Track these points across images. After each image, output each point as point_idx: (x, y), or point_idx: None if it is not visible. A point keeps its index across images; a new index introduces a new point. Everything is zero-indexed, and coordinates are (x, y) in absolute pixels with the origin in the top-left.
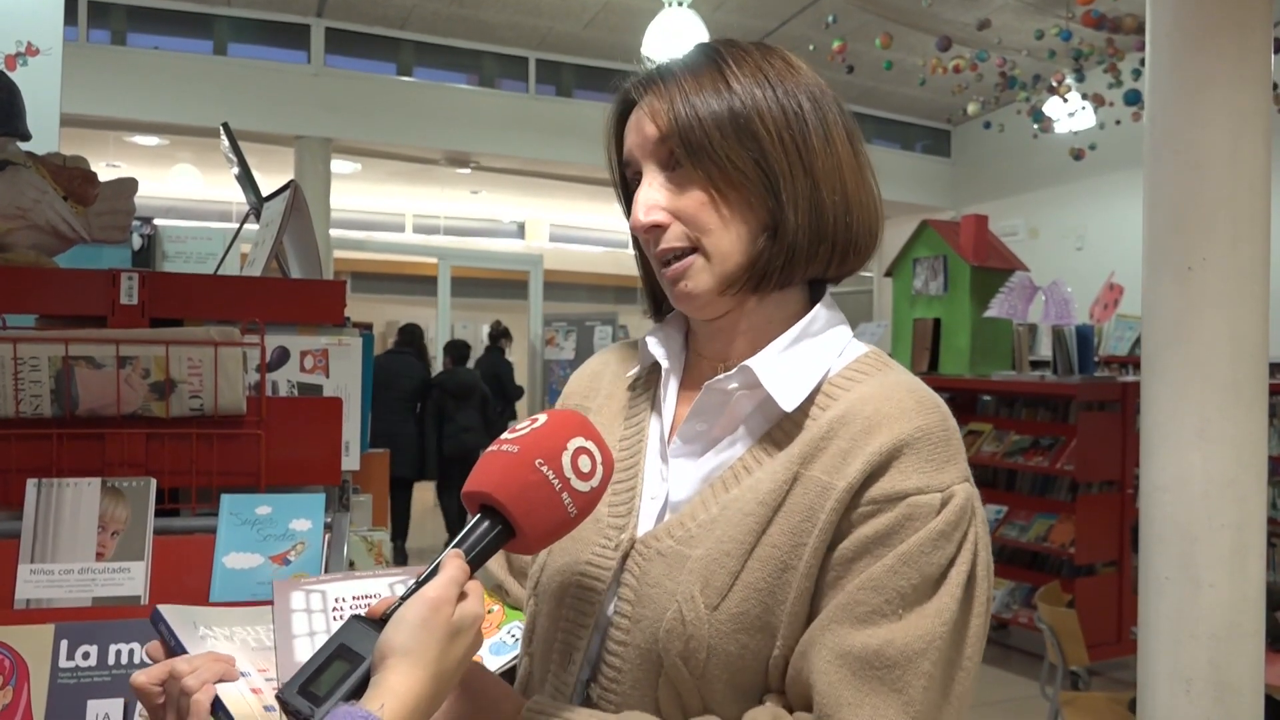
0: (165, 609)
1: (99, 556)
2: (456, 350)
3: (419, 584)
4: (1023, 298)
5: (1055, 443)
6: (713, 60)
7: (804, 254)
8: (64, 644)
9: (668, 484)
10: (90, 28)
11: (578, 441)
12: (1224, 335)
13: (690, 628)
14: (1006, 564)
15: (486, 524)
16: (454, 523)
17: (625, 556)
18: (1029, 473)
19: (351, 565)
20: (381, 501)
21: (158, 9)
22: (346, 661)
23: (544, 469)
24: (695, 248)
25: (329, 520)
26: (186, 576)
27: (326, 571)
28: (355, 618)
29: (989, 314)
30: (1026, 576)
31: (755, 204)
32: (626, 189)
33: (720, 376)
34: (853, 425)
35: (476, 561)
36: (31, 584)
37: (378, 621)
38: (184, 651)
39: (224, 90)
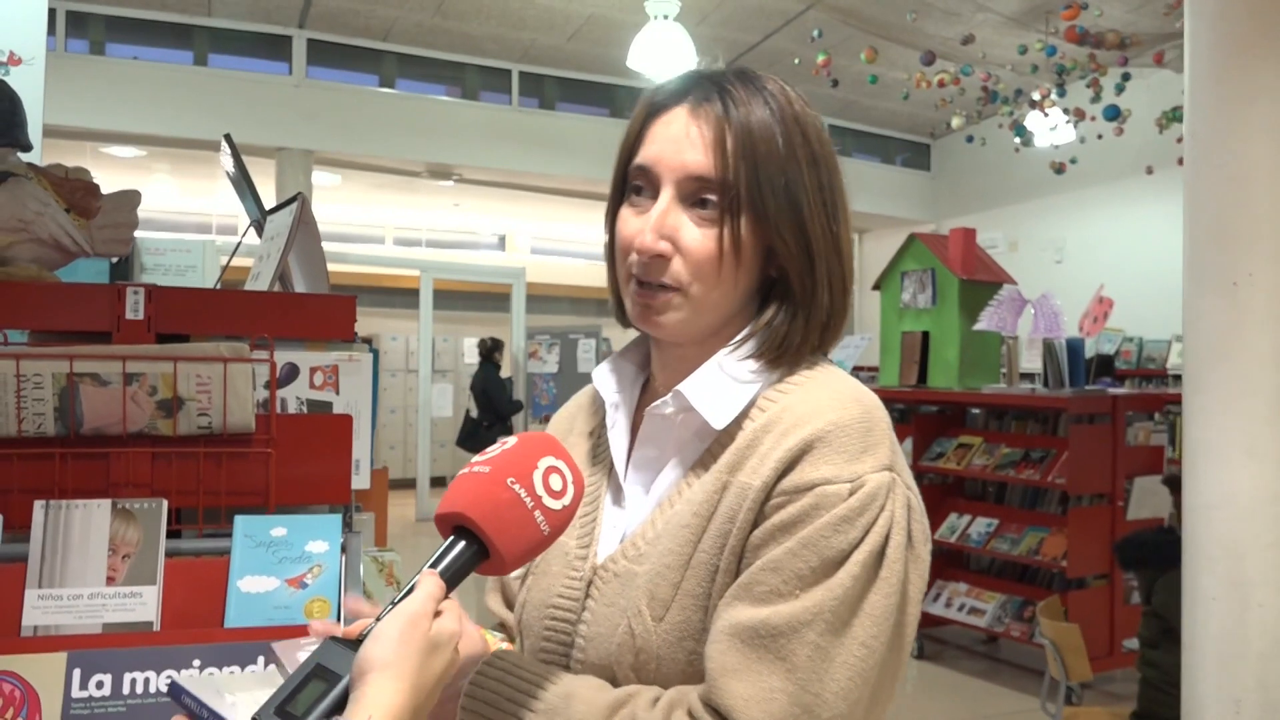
0: (183, 680)
1: (109, 581)
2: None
3: (394, 605)
4: (1011, 311)
5: (1046, 455)
6: (771, 109)
7: (831, 330)
8: (76, 673)
9: (626, 511)
10: (69, 37)
11: (548, 461)
12: (1269, 351)
13: (639, 640)
14: (996, 577)
15: (461, 544)
16: None
17: (589, 584)
18: (1019, 486)
19: (364, 588)
20: (383, 520)
21: (137, 19)
22: (324, 680)
23: (516, 487)
24: (681, 288)
25: (342, 542)
26: (199, 601)
27: (345, 593)
28: (331, 639)
29: (978, 327)
30: (1017, 590)
31: (763, 271)
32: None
33: (657, 402)
34: (775, 429)
35: (453, 582)
36: (39, 610)
37: (354, 641)
38: (220, 718)
39: (204, 101)
